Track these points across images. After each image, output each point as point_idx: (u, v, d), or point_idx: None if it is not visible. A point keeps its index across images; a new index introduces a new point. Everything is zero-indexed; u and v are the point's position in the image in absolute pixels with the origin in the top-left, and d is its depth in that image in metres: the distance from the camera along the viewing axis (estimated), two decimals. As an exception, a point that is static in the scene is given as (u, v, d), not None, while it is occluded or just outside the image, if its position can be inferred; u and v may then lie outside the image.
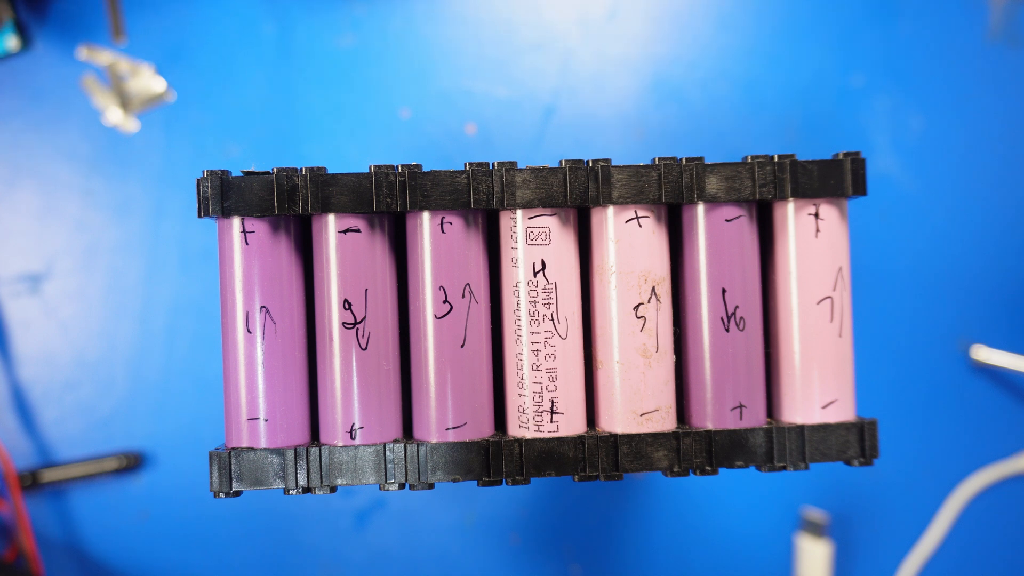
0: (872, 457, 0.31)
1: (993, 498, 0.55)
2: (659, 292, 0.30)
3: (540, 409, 0.30)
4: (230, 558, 0.53)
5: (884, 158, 0.56)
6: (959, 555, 0.54)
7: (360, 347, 0.29)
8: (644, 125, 0.56)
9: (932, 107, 0.56)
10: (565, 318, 0.30)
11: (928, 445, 0.55)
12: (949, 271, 0.55)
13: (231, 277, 0.29)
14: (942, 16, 0.57)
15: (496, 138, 0.55)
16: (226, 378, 0.30)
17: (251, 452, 0.29)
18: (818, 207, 0.30)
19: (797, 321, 0.31)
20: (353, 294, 0.29)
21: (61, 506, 0.52)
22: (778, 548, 0.54)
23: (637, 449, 0.30)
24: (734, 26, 0.56)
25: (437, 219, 0.29)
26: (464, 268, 0.30)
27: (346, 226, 0.29)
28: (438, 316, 0.30)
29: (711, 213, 0.30)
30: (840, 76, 0.56)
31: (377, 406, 0.30)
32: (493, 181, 0.29)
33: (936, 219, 0.56)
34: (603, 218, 0.30)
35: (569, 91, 0.56)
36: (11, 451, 0.52)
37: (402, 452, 0.29)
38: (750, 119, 0.56)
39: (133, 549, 0.52)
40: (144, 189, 0.53)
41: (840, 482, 0.54)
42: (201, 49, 0.55)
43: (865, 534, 0.54)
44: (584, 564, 0.54)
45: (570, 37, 0.56)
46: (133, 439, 0.53)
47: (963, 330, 0.55)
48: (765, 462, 0.30)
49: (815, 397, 0.31)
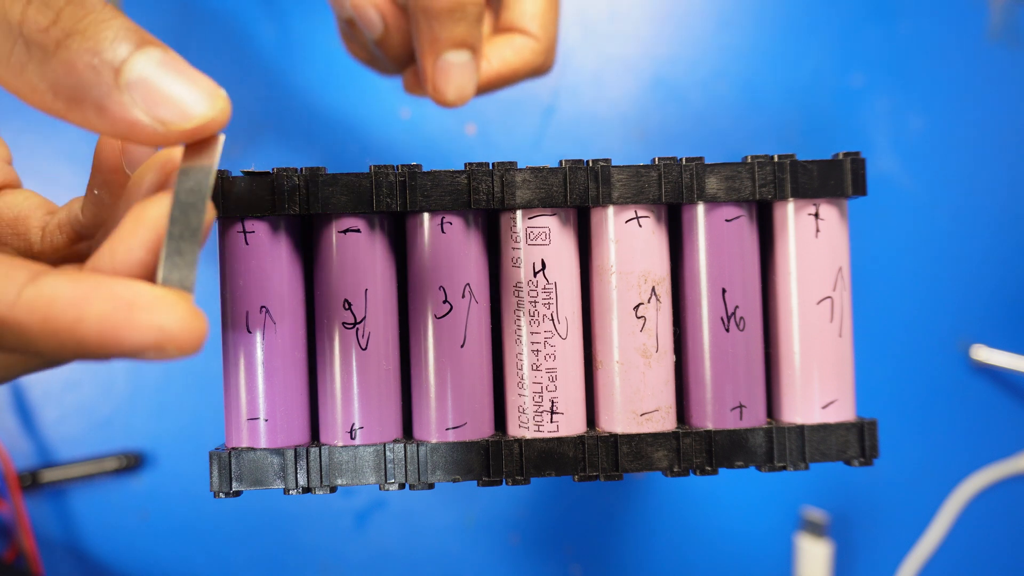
0: (872, 457, 0.31)
1: (993, 498, 0.55)
2: (659, 292, 0.30)
3: (540, 409, 0.30)
4: (230, 558, 0.53)
5: (884, 158, 0.56)
6: (959, 555, 0.54)
7: (360, 347, 0.29)
8: (644, 125, 0.56)
9: (932, 107, 0.56)
10: (565, 318, 0.30)
11: (928, 445, 0.55)
12: (949, 271, 0.55)
13: (231, 277, 0.29)
14: (942, 16, 0.57)
15: (496, 138, 0.55)
16: (226, 378, 0.30)
17: (251, 452, 0.29)
18: (818, 207, 0.30)
19: (797, 321, 0.31)
20: (353, 294, 0.29)
21: (61, 506, 0.52)
22: (778, 548, 0.54)
23: (637, 449, 0.30)
24: (734, 26, 0.56)
25: (437, 219, 0.29)
26: (464, 268, 0.30)
27: (346, 226, 0.29)
28: (438, 316, 0.30)
29: (711, 213, 0.30)
30: (840, 76, 0.56)
31: (377, 406, 0.30)
32: (493, 181, 0.29)
33: (936, 219, 0.56)
34: (603, 218, 0.30)
35: (569, 91, 0.56)
36: (11, 451, 0.52)
37: (402, 452, 0.29)
38: (750, 119, 0.56)
39: (133, 549, 0.52)
40: (144, 189, 0.53)
41: (840, 482, 0.54)
42: (201, 49, 0.55)
43: (865, 534, 0.54)
44: (584, 564, 0.54)
45: (570, 37, 0.56)
46: (133, 439, 0.53)
47: (963, 330, 0.55)
48: (765, 462, 0.30)
49: (815, 397, 0.31)
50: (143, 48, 0.21)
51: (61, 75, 0.20)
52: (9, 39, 0.21)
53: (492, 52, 0.39)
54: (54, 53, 0.20)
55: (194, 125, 0.21)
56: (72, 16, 0.21)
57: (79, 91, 0.21)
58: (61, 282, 0.20)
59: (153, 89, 0.21)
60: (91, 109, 0.21)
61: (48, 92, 0.21)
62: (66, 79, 0.21)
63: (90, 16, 0.21)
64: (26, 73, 0.21)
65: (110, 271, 0.21)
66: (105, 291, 0.19)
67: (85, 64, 0.20)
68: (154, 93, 0.21)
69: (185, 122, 0.21)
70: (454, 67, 0.36)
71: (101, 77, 0.20)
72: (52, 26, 0.20)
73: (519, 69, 0.39)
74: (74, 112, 0.21)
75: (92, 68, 0.20)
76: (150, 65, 0.21)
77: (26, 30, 0.20)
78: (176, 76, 0.21)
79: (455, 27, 0.35)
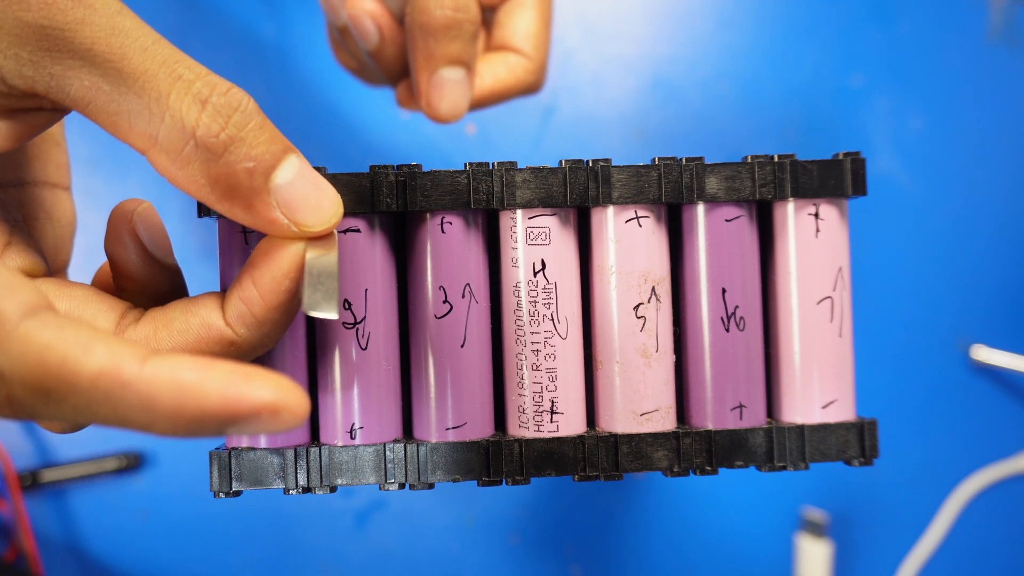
0: (872, 457, 0.31)
1: (993, 498, 0.55)
2: (659, 292, 0.30)
3: (540, 409, 0.30)
4: (230, 558, 0.53)
5: (884, 158, 0.56)
6: (959, 555, 0.54)
7: (360, 347, 0.29)
8: (644, 125, 0.56)
9: (932, 107, 0.56)
10: (565, 318, 0.30)
11: (928, 445, 0.55)
12: (949, 271, 0.55)
13: (231, 277, 0.29)
14: (942, 16, 0.57)
15: (496, 138, 0.55)
16: (226, 378, 0.30)
17: (251, 452, 0.29)
18: (818, 207, 0.30)
19: (797, 321, 0.31)
20: (353, 294, 0.29)
21: (61, 506, 0.52)
22: (778, 548, 0.54)
23: (637, 449, 0.30)
24: (734, 26, 0.56)
25: (437, 219, 0.29)
26: (464, 268, 0.30)
27: (346, 226, 0.29)
28: (438, 316, 0.30)
29: (711, 213, 0.30)
30: (840, 76, 0.56)
31: (377, 406, 0.30)
32: (493, 181, 0.29)
33: (936, 219, 0.56)
34: (603, 218, 0.30)
35: (569, 91, 0.56)
36: (11, 451, 0.52)
37: (402, 452, 0.29)
38: (750, 119, 0.56)
39: (133, 549, 0.52)
40: (144, 189, 0.53)
41: (840, 482, 0.54)
42: (202, 48, 0.55)
43: (865, 534, 0.54)
44: (584, 564, 0.54)
45: (570, 37, 0.56)
46: (133, 439, 0.53)
47: (963, 330, 0.55)
48: (765, 462, 0.30)
49: (815, 397, 0.31)
50: (287, 156, 0.25)
51: (221, 174, 0.24)
52: (183, 139, 0.24)
53: (485, 69, 0.39)
54: (220, 155, 0.24)
55: (322, 229, 0.26)
56: (237, 124, 0.24)
57: (233, 189, 0.24)
58: (176, 356, 0.21)
59: (295, 194, 0.25)
60: (240, 204, 0.25)
61: (206, 186, 0.24)
62: (224, 177, 0.24)
63: (250, 124, 0.24)
64: (190, 168, 0.24)
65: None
66: (221, 365, 0.21)
67: (242, 168, 0.24)
68: (295, 198, 0.25)
69: (317, 226, 0.25)
70: (448, 83, 0.37)
71: (253, 180, 0.24)
72: (221, 131, 0.24)
73: (511, 87, 0.40)
74: (223, 204, 0.25)
75: (247, 171, 0.24)
76: (291, 172, 0.25)
77: (200, 133, 0.24)
78: (311, 186, 0.25)
79: (450, 44, 0.36)
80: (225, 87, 0.24)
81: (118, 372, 0.20)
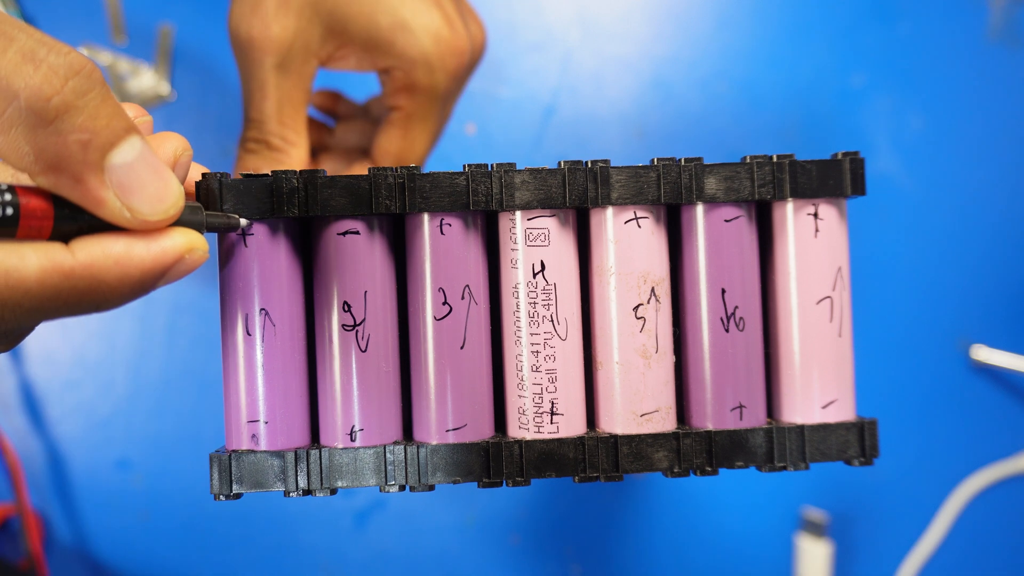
0: (872, 457, 0.31)
1: (993, 498, 0.55)
2: (658, 293, 0.30)
3: (540, 410, 0.30)
4: (230, 558, 0.53)
5: (884, 158, 0.56)
6: (959, 555, 0.54)
7: (360, 349, 0.29)
8: (644, 125, 0.56)
9: (932, 107, 0.56)
10: (565, 319, 0.30)
11: (928, 445, 0.55)
12: (949, 271, 0.55)
13: (230, 280, 0.29)
14: (942, 16, 0.57)
15: (496, 138, 0.55)
16: (226, 381, 0.30)
17: (251, 454, 0.29)
18: (817, 207, 0.30)
19: (797, 321, 0.31)
20: (352, 296, 0.29)
21: (62, 506, 0.52)
22: (778, 548, 0.54)
23: (637, 450, 0.30)
24: (734, 26, 0.56)
25: (436, 221, 0.29)
26: (463, 270, 0.30)
27: (345, 228, 0.29)
28: (438, 318, 0.30)
29: (710, 213, 0.30)
30: (840, 76, 0.56)
31: (377, 408, 0.30)
32: (492, 182, 0.29)
33: (936, 219, 0.56)
34: (602, 219, 0.30)
35: (569, 91, 0.56)
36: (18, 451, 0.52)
37: (402, 454, 0.29)
38: (749, 119, 0.56)
39: (133, 549, 0.52)
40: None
41: (840, 482, 0.54)
42: (201, 49, 0.55)
43: (865, 534, 0.54)
44: (584, 564, 0.54)
45: (570, 37, 0.56)
46: (133, 439, 0.53)
47: (963, 330, 0.55)
48: (765, 462, 0.30)
49: (815, 397, 0.31)
50: (130, 136, 0.23)
51: (49, 143, 0.21)
52: (4, 100, 0.21)
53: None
54: (50, 123, 0.21)
55: (158, 220, 0.24)
56: (76, 91, 0.21)
57: (62, 161, 0.22)
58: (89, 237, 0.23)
59: (133, 178, 0.23)
60: (68, 177, 0.22)
61: (30, 154, 0.22)
62: (53, 147, 0.22)
63: (92, 93, 0.22)
64: (11, 133, 0.21)
65: None
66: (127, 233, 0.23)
67: (75, 139, 0.22)
68: (133, 182, 0.23)
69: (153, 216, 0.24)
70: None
71: (87, 154, 0.22)
72: (55, 95, 0.21)
73: None
74: (48, 176, 0.22)
75: (80, 144, 0.22)
76: (132, 154, 0.23)
77: (27, 95, 0.21)
78: (153, 173, 0.23)
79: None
80: (66, 49, 0.22)
81: (58, 265, 0.22)
